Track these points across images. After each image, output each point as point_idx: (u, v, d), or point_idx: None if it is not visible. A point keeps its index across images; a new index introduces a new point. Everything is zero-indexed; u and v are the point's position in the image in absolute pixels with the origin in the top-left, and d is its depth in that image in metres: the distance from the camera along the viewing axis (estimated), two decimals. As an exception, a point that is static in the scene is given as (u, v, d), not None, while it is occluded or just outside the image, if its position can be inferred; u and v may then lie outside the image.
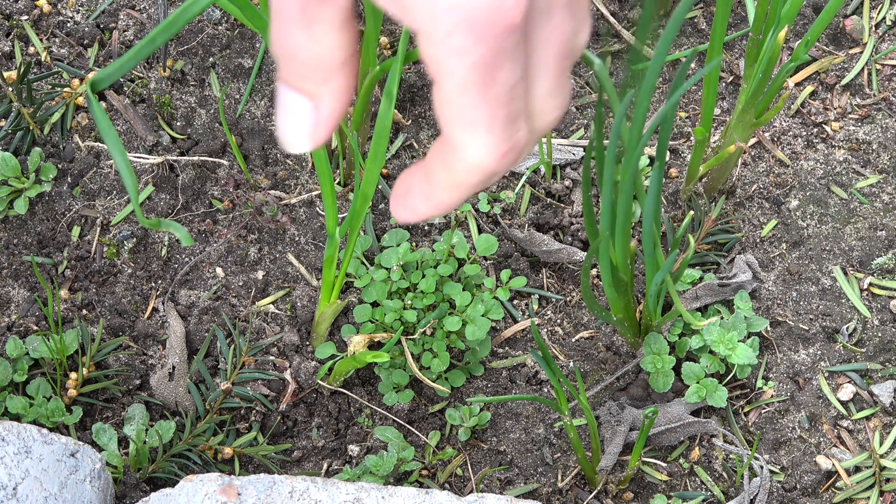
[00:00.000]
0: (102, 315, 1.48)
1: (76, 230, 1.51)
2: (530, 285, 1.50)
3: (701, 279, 1.48)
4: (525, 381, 1.47)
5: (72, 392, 1.41)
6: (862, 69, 1.61)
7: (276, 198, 1.52)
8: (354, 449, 1.43)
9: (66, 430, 1.41)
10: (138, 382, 1.45)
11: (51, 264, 1.50)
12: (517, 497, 1.31)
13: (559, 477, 1.43)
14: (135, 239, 1.51)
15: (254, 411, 1.44)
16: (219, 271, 1.50)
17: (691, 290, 1.47)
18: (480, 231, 1.52)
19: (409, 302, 1.43)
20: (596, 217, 1.26)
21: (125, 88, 1.58)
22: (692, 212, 1.42)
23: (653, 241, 1.26)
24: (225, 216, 1.52)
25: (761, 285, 1.50)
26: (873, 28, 1.63)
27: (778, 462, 1.44)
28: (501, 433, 1.44)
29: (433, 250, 1.48)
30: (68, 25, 1.60)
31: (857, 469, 1.43)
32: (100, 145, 1.55)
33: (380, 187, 1.53)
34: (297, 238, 1.52)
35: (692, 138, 1.57)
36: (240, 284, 1.49)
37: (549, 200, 1.54)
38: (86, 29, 1.60)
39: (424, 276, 1.44)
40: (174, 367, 1.44)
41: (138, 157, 1.53)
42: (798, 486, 1.42)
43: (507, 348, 1.48)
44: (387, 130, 1.08)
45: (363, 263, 1.48)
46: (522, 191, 1.54)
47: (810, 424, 1.45)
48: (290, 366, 1.45)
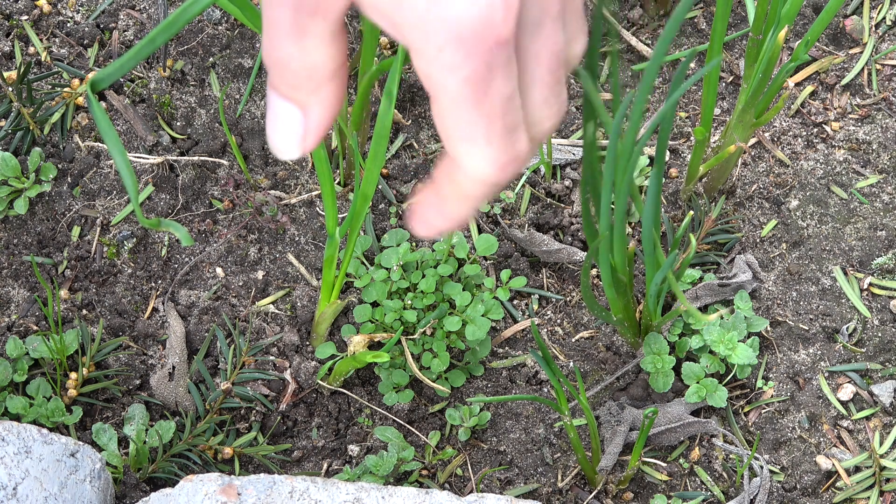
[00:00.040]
0: (102, 315, 1.48)
1: (76, 230, 1.51)
2: (530, 285, 1.50)
3: (701, 279, 1.48)
4: (525, 381, 1.47)
5: (72, 392, 1.41)
6: (862, 69, 1.61)
7: (276, 198, 1.52)
8: (354, 449, 1.43)
9: (66, 430, 1.41)
10: (138, 382, 1.45)
11: (51, 264, 1.49)
12: (517, 497, 1.31)
13: (559, 477, 1.43)
14: (135, 239, 1.51)
15: (254, 411, 1.44)
16: (219, 271, 1.50)
17: (691, 290, 1.47)
18: (480, 231, 1.52)
19: (409, 302, 1.43)
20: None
21: (125, 88, 1.58)
22: (692, 212, 1.42)
23: (653, 242, 1.26)
24: (225, 216, 1.52)
25: (761, 285, 1.50)
26: (873, 28, 1.63)
27: (778, 462, 1.44)
28: (501, 433, 1.44)
29: (433, 250, 1.48)
30: (68, 25, 1.60)
31: (857, 469, 1.43)
32: (100, 145, 1.55)
33: (380, 187, 1.53)
34: (297, 238, 1.52)
35: (692, 138, 1.57)
36: (240, 284, 1.49)
37: (549, 200, 1.54)
38: (86, 29, 1.60)
39: (424, 276, 1.44)
40: (174, 367, 1.44)
41: (138, 157, 1.53)
42: (798, 486, 1.42)
43: (507, 348, 1.48)
44: (387, 130, 1.08)
45: (363, 263, 1.48)
46: (522, 191, 1.54)
47: (810, 424, 1.45)
48: (290, 366, 1.45)
